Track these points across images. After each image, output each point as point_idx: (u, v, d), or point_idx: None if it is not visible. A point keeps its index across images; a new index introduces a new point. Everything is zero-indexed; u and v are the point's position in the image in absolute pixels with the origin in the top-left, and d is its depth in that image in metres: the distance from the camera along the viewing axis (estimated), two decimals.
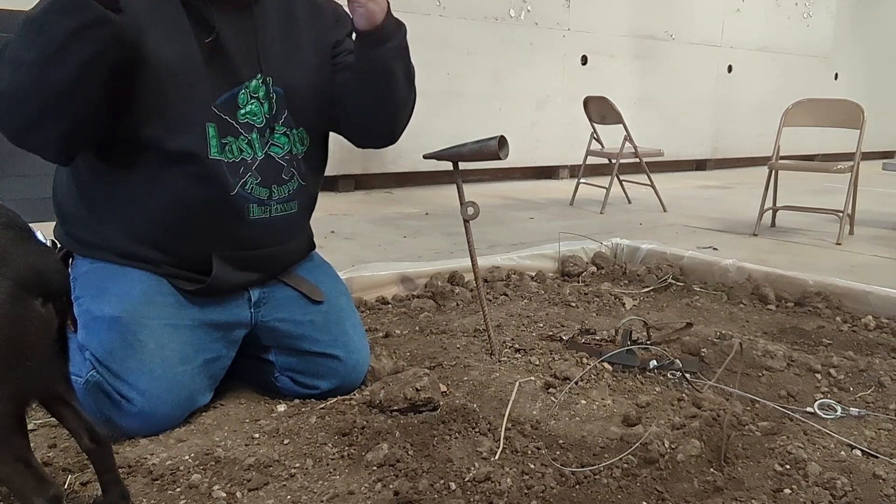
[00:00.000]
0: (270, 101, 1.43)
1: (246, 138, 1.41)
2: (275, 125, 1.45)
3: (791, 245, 3.62)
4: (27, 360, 0.89)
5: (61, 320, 0.95)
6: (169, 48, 1.29)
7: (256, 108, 1.42)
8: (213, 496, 1.14)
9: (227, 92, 1.37)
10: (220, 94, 1.36)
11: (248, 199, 1.41)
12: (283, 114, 1.46)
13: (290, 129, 1.48)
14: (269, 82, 1.42)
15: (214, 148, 1.36)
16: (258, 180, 1.42)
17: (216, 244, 1.41)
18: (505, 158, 1.69)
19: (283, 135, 1.47)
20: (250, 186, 1.41)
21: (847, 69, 9.15)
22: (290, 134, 1.48)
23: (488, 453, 1.28)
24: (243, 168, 1.40)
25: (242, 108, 1.40)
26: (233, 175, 1.38)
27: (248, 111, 1.41)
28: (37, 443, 1.30)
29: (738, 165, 8.22)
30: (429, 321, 2.11)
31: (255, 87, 1.41)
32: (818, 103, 3.95)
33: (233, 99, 1.38)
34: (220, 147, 1.37)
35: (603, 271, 2.81)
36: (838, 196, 3.94)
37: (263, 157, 1.43)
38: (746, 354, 1.79)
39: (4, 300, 0.86)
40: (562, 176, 6.61)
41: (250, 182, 1.41)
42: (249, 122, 1.41)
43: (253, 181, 1.41)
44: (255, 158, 1.42)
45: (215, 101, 1.36)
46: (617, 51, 6.79)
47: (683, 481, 1.20)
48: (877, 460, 1.31)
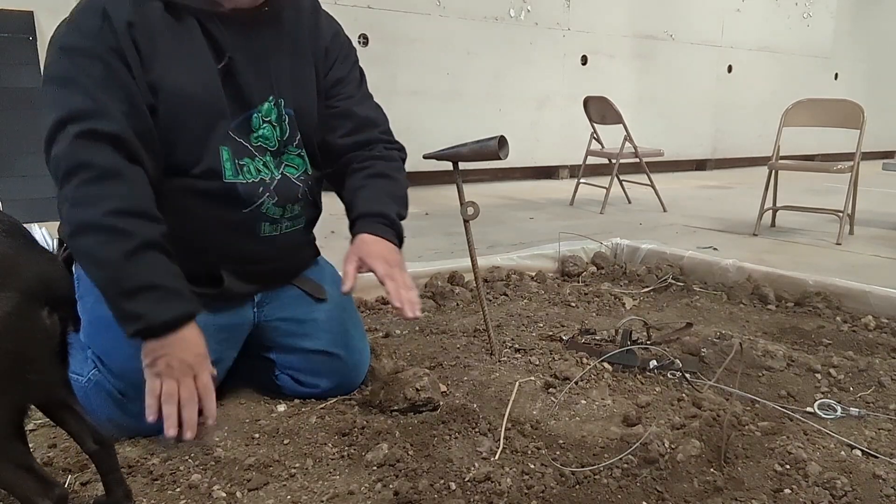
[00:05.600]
0: (283, 125, 1.41)
1: (261, 160, 1.39)
2: (287, 147, 1.44)
3: (791, 245, 3.62)
4: (29, 372, 0.88)
5: (64, 328, 0.94)
6: (188, 78, 1.27)
7: (269, 132, 1.40)
8: (213, 496, 1.14)
9: (241, 115, 1.35)
10: (234, 119, 1.34)
11: (261, 218, 1.41)
12: (296, 136, 1.44)
13: (303, 151, 1.47)
14: (282, 104, 1.40)
15: (229, 171, 1.34)
16: (275, 200, 1.41)
17: (225, 259, 1.40)
18: (505, 158, 1.69)
19: (297, 156, 1.46)
20: (266, 207, 1.40)
21: (847, 69, 9.14)
22: (304, 155, 1.48)
23: (488, 453, 1.28)
24: (262, 188, 1.39)
25: (255, 132, 1.38)
26: (250, 196, 1.37)
27: (261, 135, 1.39)
28: (37, 443, 1.30)
29: (738, 165, 8.23)
30: (429, 321, 2.11)
31: (268, 111, 1.39)
32: (818, 103, 3.95)
33: (246, 122, 1.36)
34: (236, 169, 1.35)
35: (603, 271, 2.81)
36: (838, 196, 3.94)
37: (280, 177, 1.42)
38: (746, 354, 1.79)
39: (11, 313, 0.84)
40: (562, 176, 6.61)
41: (267, 202, 1.40)
42: (262, 146, 1.40)
43: (270, 201, 1.40)
44: (273, 179, 1.41)
45: (230, 125, 1.34)
46: (617, 51, 6.79)
47: (683, 481, 1.20)
48: (877, 460, 1.31)
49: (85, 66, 1.18)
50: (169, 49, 1.25)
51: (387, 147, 1.54)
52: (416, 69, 5.39)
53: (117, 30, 1.19)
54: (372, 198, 1.46)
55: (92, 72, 1.18)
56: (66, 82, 1.19)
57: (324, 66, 1.48)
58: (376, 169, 1.49)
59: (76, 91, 1.18)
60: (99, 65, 1.19)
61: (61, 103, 1.18)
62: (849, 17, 8.95)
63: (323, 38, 1.47)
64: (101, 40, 1.19)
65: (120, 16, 1.19)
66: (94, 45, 1.19)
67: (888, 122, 8.99)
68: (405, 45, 5.29)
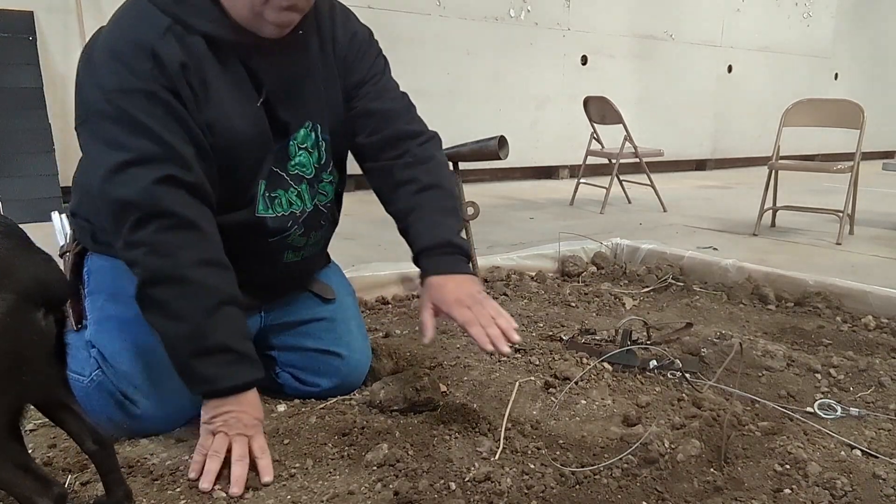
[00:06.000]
0: (319, 150, 1.39)
1: (295, 190, 1.37)
2: (323, 174, 1.42)
3: (791, 245, 3.62)
4: (25, 373, 0.88)
5: (60, 329, 0.94)
6: (239, 115, 1.24)
7: (306, 158, 1.37)
8: (213, 496, 1.14)
9: (278, 145, 1.33)
10: (272, 149, 1.32)
11: (285, 248, 1.40)
12: (330, 162, 1.43)
13: (334, 175, 1.46)
14: (318, 130, 1.38)
15: (262, 204, 1.33)
16: (301, 231, 1.41)
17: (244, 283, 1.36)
18: (505, 158, 1.69)
19: (329, 182, 1.45)
20: (292, 238, 1.40)
21: (847, 69, 9.15)
22: (334, 179, 1.46)
23: (488, 453, 1.28)
24: (291, 221, 1.38)
25: (293, 160, 1.36)
26: (278, 228, 1.36)
27: (298, 163, 1.36)
28: (37, 443, 1.30)
29: (737, 165, 8.23)
30: None
31: (304, 137, 1.36)
32: (818, 103, 3.95)
33: (283, 151, 1.34)
34: (267, 203, 1.33)
35: (603, 271, 2.81)
36: (838, 196, 3.94)
37: (311, 209, 1.41)
38: (746, 354, 1.79)
39: (6, 314, 0.84)
40: (562, 176, 6.61)
41: (293, 233, 1.39)
42: (299, 174, 1.37)
43: (296, 232, 1.40)
44: (304, 211, 1.39)
45: (268, 156, 1.31)
46: (617, 51, 6.80)
47: (683, 481, 1.20)
48: (877, 460, 1.31)
49: (145, 106, 1.14)
50: (218, 87, 1.22)
51: (419, 142, 1.46)
52: (415, 69, 5.38)
53: (171, 72, 1.15)
54: (428, 223, 1.39)
55: (154, 112, 1.15)
56: (125, 122, 1.14)
57: (344, 74, 1.42)
58: (420, 181, 1.41)
59: (140, 132, 1.14)
60: (160, 106, 1.15)
61: (125, 144, 1.14)
62: (849, 17, 8.95)
63: (341, 47, 1.40)
64: (156, 81, 1.15)
65: (172, 57, 1.15)
66: (151, 86, 1.14)
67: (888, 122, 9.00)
68: (405, 45, 5.29)
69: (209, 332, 1.17)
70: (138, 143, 1.14)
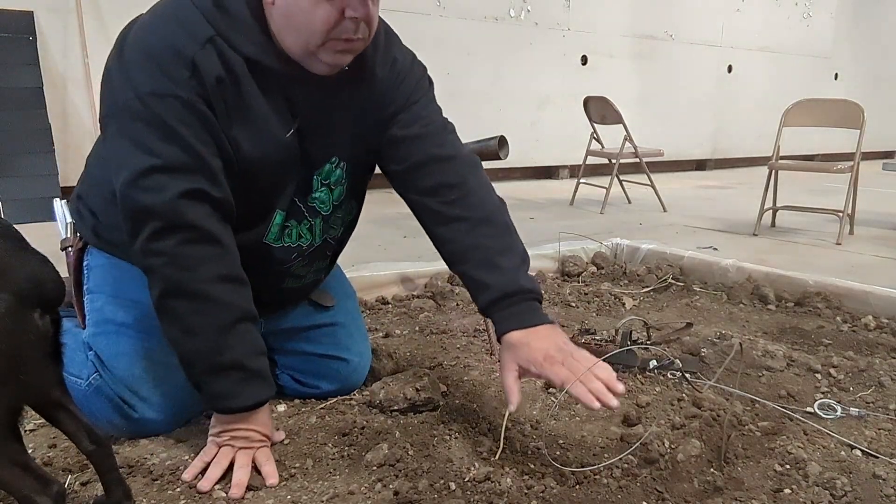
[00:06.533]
0: (341, 187, 1.37)
1: (308, 223, 1.36)
2: (339, 211, 1.41)
3: (791, 245, 3.62)
4: (22, 374, 0.88)
5: (56, 329, 0.94)
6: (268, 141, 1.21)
7: (326, 195, 1.35)
8: (213, 496, 1.14)
9: (302, 176, 1.30)
10: (295, 181, 1.29)
11: (287, 275, 1.40)
12: (349, 199, 1.42)
13: (351, 208, 1.45)
14: (343, 167, 1.35)
15: (273, 234, 1.31)
16: (304, 262, 1.40)
17: None
18: (505, 158, 1.69)
19: (340, 218, 1.43)
20: (295, 268, 1.39)
21: (847, 69, 9.15)
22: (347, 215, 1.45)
23: (488, 453, 1.28)
24: (296, 254, 1.37)
25: (313, 193, 1.33)
26: (282, 259, 1.35)
27: (318, 197, 1.34)
28: (37, 443, 1.30)
29: (738, 165, 8.23)
30: (429, 321, 2.11)
31: (328, 172, 1.33)
32: (818, 103, 3.95)
33: (306, 184, 1.31)
34: (278, 234, 1.32)
35: (603, 271, 2.81)
36: (838, 196, 3.94)
37: (320, 243, 1.40)
38: (746, 354, 1.79)
39: (2, 314, 0.84)
40: (562, 176, 6.61)
41: (297, 264, 1.39)
42: (316, 209, 1.35)
43: (300, 264, 1.40)
44: (312, 245, 1.38)
45: (290, 186, 1.29)
46: (617, 51, 6.80)
47: (683, 481, 1.20)
48: (877, 460, 1.31)
49: (179, 113, 1.11)
50: (253, 110, 1.18)
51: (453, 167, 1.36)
52: None
53: (208, 84, 1.12)
54: (494, 269, 1.27)
55: (187, 120, 1.12)
56: (156, 126, 1.11)
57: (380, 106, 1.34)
58: (474, 214, 1.32)
59: (171, 139, 1.11)
60: (194, 115, 1.12)
61: (153, 149, 1.11)
62: (849, 17, 8.96)
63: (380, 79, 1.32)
64: (192, 90, 1.11)
65: (210, 70, 1.12)
66: (187, 94, 1.11)
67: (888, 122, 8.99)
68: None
69: (224, 349, 1.16)
70: (168, 150, 1.11)
